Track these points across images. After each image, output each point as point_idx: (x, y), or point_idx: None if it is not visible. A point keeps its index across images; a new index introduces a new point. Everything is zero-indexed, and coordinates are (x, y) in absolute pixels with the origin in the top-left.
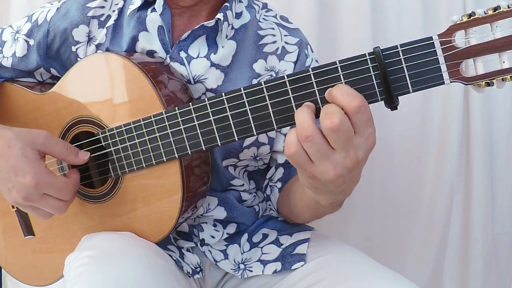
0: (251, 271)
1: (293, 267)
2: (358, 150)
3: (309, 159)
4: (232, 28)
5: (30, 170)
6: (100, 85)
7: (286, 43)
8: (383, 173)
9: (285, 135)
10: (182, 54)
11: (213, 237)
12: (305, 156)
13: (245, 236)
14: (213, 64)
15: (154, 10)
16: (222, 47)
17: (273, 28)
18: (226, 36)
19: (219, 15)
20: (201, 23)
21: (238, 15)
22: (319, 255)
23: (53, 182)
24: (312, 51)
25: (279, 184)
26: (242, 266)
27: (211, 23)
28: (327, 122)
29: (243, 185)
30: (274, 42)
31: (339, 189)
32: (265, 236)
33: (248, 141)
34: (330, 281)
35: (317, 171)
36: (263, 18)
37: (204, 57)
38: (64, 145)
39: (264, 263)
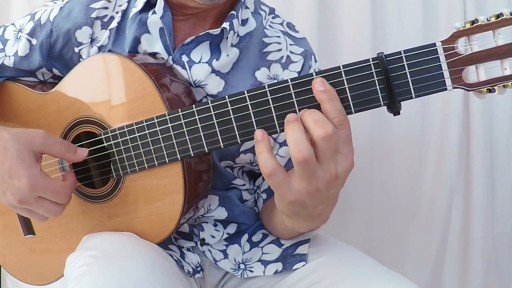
0: (252, 271)
1: (294, 267)
2: (338, 165)
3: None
4: (238, 35)
5: (25, 173)
6: (103, 86)
7: (291, 52)
8: (383, 173)
9: (280, 144)
10: (184, 58)
11: (213, 236)
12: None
13: (245, 236)
14: (213, 71)
15: (155, 12)
16: (227, 55)
17: (278, 36)
18: (231, 43)
19: (225, 24)
20: (206, 31)
21: (244, 22)
22: (319, 255)
23: (48, 185)
24: (316, 61)
25: (264, 195)
26: (242, 266)
27: (216, 31)
28: (321, 131)
29: (244, 184)
30: (279, 50)
31: (317, 210)
32: (264, 235)
33: (245, 146)
34: (330, 281)
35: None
36: (270, 25)
37: (206, 62)
38: (61, 143)
39: (265, 263)
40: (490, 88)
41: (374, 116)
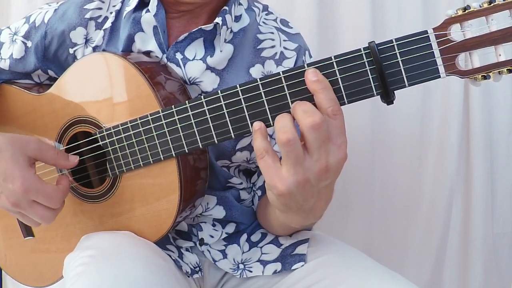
0: (251, 271)
1: (293, 267)
2: (329, 155)
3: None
4: (231, 31)
5: (19, 176)
6: (97, 85)
7: (285, 48)
8: (383, 173)
9: (275, 139)
10: (178, 56)
11: (212, 236)
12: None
13: (244, 236)
14: (208, 67)
15: (148, 10)
16: (221, 51)
17: (272, 33)
18: (225, 39)
19: (218, 19)
20: (199, 26)
21: (238, 18)
22: (318, 255)
23: (42, 189)
24: (311, 56)
25: (259, 192)
26: (241, 266)
27: (209, 27)
28: (309, 119)
29: (241, 183)
30: (273, 46)
31: (308, 204)
32: (263, 235)
33: (241, 144)
34: (329, 281)
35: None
36: (263, 22)
37: (200, 59)
38: (54, 150)
39: (264, 263)
40: (485, 74)
41: (374, 116)
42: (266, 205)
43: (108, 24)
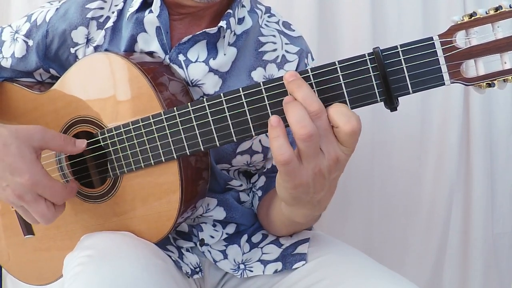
0: (252, 271)
1: (294, 267)
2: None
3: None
4: (234, 34)
5: (27, 170)
6: (99, 85)
7: (287, 51)
8: (383, 173)
9: None
10: (181, 57)
11: (212, 237)
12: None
13: (245, 237)
14: (211, 70)
15: (151, 11)
16: (224, 54)
17: (274, 36)
18: (228, 42)
19: (222, 23)
20: (203, 29)
21: (240, 21)
22: (319, 255)
23: (49, 183)
24: (313, 59)
25: (259, 193)
26: (242, 266)
27: (213, 30)
28: (310, 109)
29: (241, 185)
30: (275, 50)
31: (318, 196)
32: (264, 236)
33: (242, 147)
34: (330, 281)
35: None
36: (265, 24)
37: (203, 61)
38: (60, 136)
39: (265, 263)
40: (490, 82)
41: (374, 116)
42: (270, 203)
43: (109, 24)
